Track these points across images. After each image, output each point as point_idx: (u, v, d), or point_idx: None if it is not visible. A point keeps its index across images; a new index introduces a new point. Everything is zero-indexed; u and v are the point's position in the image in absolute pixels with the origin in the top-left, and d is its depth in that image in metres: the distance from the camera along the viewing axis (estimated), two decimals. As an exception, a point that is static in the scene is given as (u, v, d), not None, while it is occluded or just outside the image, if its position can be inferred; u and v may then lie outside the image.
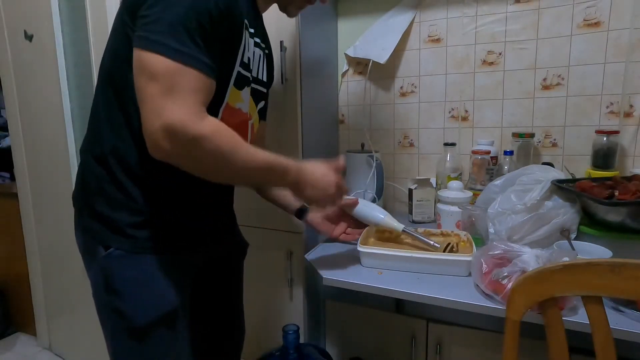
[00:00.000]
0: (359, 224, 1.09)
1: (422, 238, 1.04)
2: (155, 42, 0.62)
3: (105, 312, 0.78)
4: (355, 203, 1.04)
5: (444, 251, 1.01)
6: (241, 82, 0.79)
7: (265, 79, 0.92)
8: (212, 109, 0.72)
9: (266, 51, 0.91)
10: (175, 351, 0.79)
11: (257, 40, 0.84)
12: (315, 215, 1.08)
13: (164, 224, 0.78)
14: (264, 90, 0.93)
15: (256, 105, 0.89)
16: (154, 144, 0.62)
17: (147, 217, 0.76)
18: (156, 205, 0.77)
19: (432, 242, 1.02)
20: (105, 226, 0.76)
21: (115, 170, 0.75)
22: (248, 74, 0.81)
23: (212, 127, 0.64)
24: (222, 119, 0.76)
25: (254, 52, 0.82)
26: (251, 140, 0.88)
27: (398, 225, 1.05)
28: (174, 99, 0.61)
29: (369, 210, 1.07)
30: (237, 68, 0.76)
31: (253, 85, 0.85)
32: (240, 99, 0.80)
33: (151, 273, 0.76)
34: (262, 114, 0.96)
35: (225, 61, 0.73)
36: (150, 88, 0.61)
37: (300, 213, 1.07)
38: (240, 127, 0.81)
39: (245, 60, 0.78)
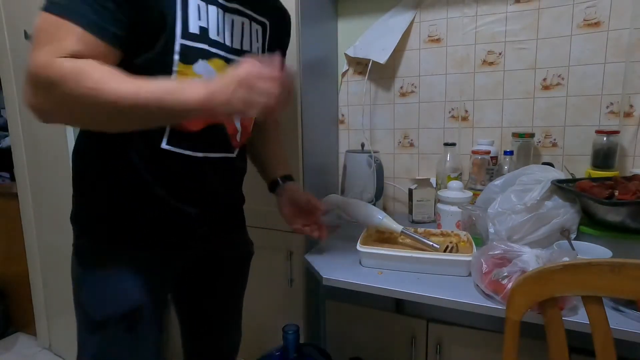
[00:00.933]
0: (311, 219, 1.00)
1: (422, 239, 1.04)
2: (47, 1, 0.59)
3: (74, 303, 0.78)
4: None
5: (443, 252, 1.01)
6: (190, 56, 0.69)
7: (255, 50, 0.82)
8: None
9: (259, 19, 0.83)
10: (135, 352, 0.76)
11: (234, 5, 0.76)
12: (285, 196, 0.98)
13: (130, 218, 0.76)
14: None
15: None
16: (23, 99, 0.59)
17: (110, 211, 0.75)
18: (123, 200, 0.74)
19: (431, 243, 1.02)
20: (76, 219, 0.78)
21: (79, 164, 0.76)
22: (204, 46, 0.71)
23: (74, 65, 0.57)
24: None
25: (218, 19, 0.73)
26: (249, 120, 0.84)
27: (397, 227, 1.05)
28: (41, 48, 0.57)
29: (368, 211, 1.07)
30: (180, 40, 0.67)
31: (227, 55, 0.75)
32: (194, 74, 0.70)
33: (115, 269, 0.74)
34: None
35: (154, 33, 0.65)
36: (33, 41, 0.58)
37: (273, 186, 0.99)
38: None
39: (194, 30, 0.69)
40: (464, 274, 0.94)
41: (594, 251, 0.92)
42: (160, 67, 0.67)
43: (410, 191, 1.37)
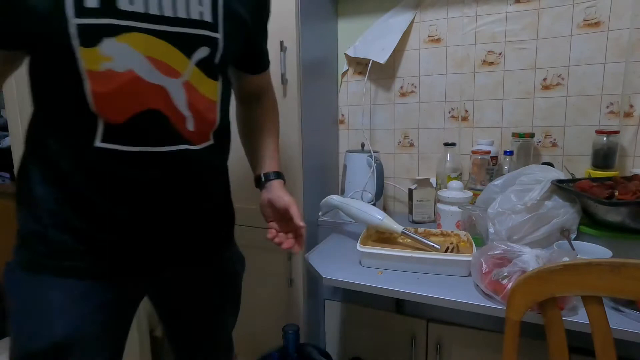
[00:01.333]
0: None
1: (422, 239, 1.03)
2: None
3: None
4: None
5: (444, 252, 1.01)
6: (92, 37, 0.56)
7: (197, 17, 0.63)
8: (70, 85, 0.57)
9: None
10: None
11: None
12: (265, 196, 0.85)
13: (70, 238, 0.64)
14: (201, 32, 0.64)
15: (188, 57, 0.63)
16: None
17: (49, 229, 0.64)
18: (66, 213, 0.64)
19: (432, 244, 1.02)
20: (18, 232, 0.68)
21: (28, 170, 0.67)
22: (109, 20, 0.57)
23: None
24: (94, 92, 0.58)
25: None
26: (205, 103, 0.67)
27: (397, 227, 1.05)
28: None
29: (368, 212, 1.07)
30: (75, 20, 0.54)
31: (152, 26, 0.59)
32: (105, 57, 0.57)
33: (36, 295, 0.64)
34: (216, 67, 0.68)
35: (43, 19, 0.54)
36: None
37: (257, 182, 0.88)
38: (130, 91, 0.60)
39: (92, 4, 0.55)
40: (464, 274, 0.94)
41: (594, 251, 0.92)
42: (62, 58, 0.56)
43: (410, 191, 1.37)
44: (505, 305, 0.70)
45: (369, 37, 1.50)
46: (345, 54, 1.55)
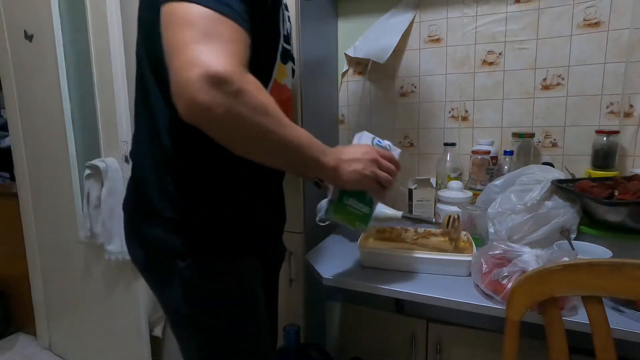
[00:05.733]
0: None
1: (423, 218, 1.07)
2: None
3: (187, 324, 0.73)
4: None
5: (446, 226, 1.02)
6: (285, 56, 0.74)
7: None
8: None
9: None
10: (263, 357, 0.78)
11: (288, 14, 0.78)
12: None
13: (241, 225, 0.73)
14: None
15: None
16: (190, 97, 0.51)
17: (222, 220, 0.71)
18: (232, 207, 0.72)
19: (433, 220, 1.05)
20: (177, 234, 0.69)
21: (181, 170, 0.69)
22: (290, 48, 0.76)
23: (256, 84, 0.56)
24: None
25: (288, 27, 0.77)
26: None
27: (396, 213, 1.04)
28: (213, 45, 0.52)
29: None
30: (281, 42, 0.72)
31: (290, 61, 0.79)
32: (286, 74, 0.76)
33: (234, 280, 0.72)
34: None
35: (269, 32, 0.69)
36: (184, 34, 0.53)
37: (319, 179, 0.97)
38: (286, 104, 0.74)
39: (286, 32, 0.74)
40: (464, 274, 0.94)
41: (594, 251, 0.92)
42: (266, 68, 0.69)
43: (410, 191, 1.37)
44: (505, 305, 0.70)
45: (369, 37, 1.50)
46: (345, 54, 1.55)
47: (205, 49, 0.52)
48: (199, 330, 0.72)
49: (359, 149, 0.72)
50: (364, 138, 0.83)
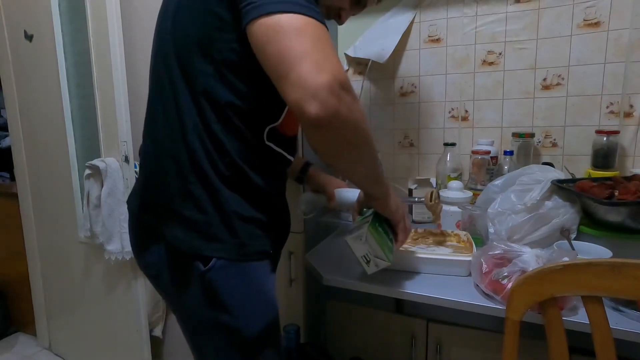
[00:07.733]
0: None
1: (413, 199, 1.17)
2: (283, 3, 0.56)
3: (210, 328, 0.72)
4: None
5: (429, 200, 1.03)
6: None
7: None
8: (278, 105, 0.70)
9: None
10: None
11: None
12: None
13: (265, 228, 0.73)
14: None
15: None
16: (321, 101, 0.53)
17: (246, 222, 0.70)
18: (256, 209, 0.71)
19: (416, 199, 1.14)
20: (198, 233, 0.68)
21: (206, 168, 0.68)
22: None
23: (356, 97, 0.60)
24: (286, 116, 0.72)
25: None
26: None
27: None
28: (327, 52, 0.56)
29: (353, 193, 1.00)
30: None
31: None
32: None
33: (257, 282, 0.72)
34: None
35: None
36: (301, 44, 0.55)
37: (302, 174, 1.07)
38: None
39: None
40: (464, 274, 0.94)
41: (594, 251, 0.92)
42: None
43: (410, 191, 1.37)
44: (505, 305, 0.71)
45: (369, 37, 1.50)
46: (345, 54, 1.55)
47: (323, 55, 0.55)
48: (222, 334, 0.71)
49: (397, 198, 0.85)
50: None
